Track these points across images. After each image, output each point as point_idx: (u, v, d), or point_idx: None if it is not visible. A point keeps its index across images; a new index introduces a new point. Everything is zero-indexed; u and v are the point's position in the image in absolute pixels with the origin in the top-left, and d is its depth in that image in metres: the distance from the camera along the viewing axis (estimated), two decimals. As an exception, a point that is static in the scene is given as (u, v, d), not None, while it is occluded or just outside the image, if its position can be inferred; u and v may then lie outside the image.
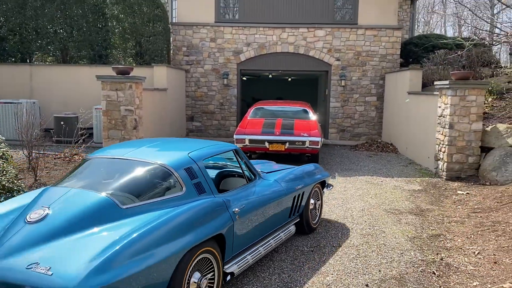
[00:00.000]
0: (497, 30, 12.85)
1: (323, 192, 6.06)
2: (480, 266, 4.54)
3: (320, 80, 19.94)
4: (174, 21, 14.74)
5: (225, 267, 3.81)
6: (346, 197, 7.32)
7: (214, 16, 13.80)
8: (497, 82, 10.58)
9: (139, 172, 3.76)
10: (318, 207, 5.82)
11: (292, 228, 5.14)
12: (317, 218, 5.75)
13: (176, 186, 3.71)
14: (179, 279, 3.19)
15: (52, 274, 2.73)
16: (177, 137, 12.66)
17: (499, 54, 30.93)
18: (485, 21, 17.63)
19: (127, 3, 12.58)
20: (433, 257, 4.80)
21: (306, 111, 10.80)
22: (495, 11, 29.15)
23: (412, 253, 4.92)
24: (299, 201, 5.24)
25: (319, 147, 9.18)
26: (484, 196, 7.06)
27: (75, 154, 9.11)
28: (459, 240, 5.32)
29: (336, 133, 14.03)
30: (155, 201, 3.50)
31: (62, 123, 10.63)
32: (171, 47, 14.03)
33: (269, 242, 4.57)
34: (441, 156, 8.82)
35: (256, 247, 4.34)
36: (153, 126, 10.29)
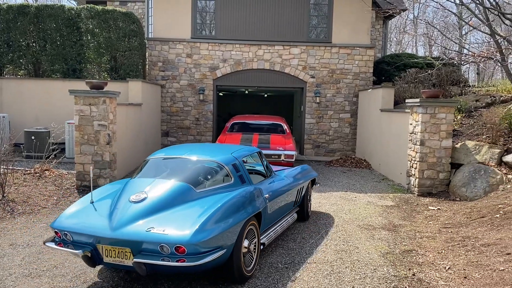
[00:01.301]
0: (465, 51, 13.33)
1: (312, 188, 7.41)
2: (451, 281, 4.62)
3: (296, 96, 20.18)
4: (150, 36, 14.72)
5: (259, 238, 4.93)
6: (321, 213, 7.36)
7: (191, 32, 13.85)
8: (466, 101, 10.93)
9: (200, 167, 5.06)
10: (310, 199, 7.18)
11: (295, 215, 6.46)
12: (310, 208, 7.14)
13: (227, 177, 4.99)
14: (240, 241, 4.35)
15: (167, 233, 3.88)
16: (152, 152, 12.52)
17: (468, 74, 32.03)
18: (454, 42, 18.26)
19: (102, 18, 12.47)
20: (405, 273, 4.86)
21: (281, 126, 11.44)
22: (463, 32, 30.27)
23: (385, 269, 4.97)
24: (300, 194, 6.58)
25: (293, 160, 9.67)
26: (454, 212, 7.22)
27: (46, 170, 8.88)
28: (430, 256, 5.40)
29: (311, 149, 14.16)
30: (215, 187, 4.79)
31: (33, 137, 10.36)
32: (147, 62, 13.96)
33: (282, 224, 5.86)
34: (413, 172, 8.99)
35: (275, 227, 5.60)
36: (127, 142, 10.15)
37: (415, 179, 8.83)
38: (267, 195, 5.22)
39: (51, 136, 10.00)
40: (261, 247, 4.97)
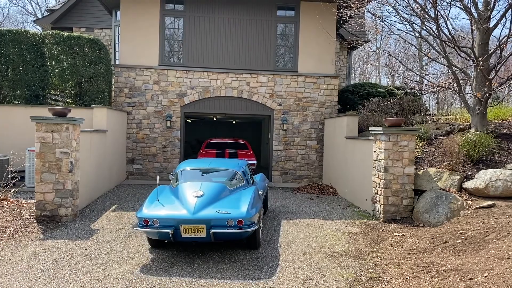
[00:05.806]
0: (425, 81, 13.90)
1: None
2: (416, 307, 4.65)
3: (264, 123, 20.37)
4: (117, 63, 14.60)
5: None
6: (288, 241, 7.33)
7: (158, 59, 13.86)
8: (427, 129, 11.31)
9: (225, 173, 7.53)
10: (268, 197, 10.01)
11: (263, 208, 8.58)
12: (268, 204, 9.93)
13: (240, 179, 7.48)
14: (259, 221, 6.63)
15: (230, 213, 6.10)
16: (116, 180, 12.29)
17: (428, 103, 33.33)
18: (415, 72, 19.05)
19: (67, 44, 12.32)
20: (371, 300, 4.87)
21: (245, 144, 15.33)
22: (423, 63, 31.66)
23: (352, 297, 4.96)
24: (265, 192, 8.97)
25: (255, 167, 12.89)
26: (418, 238, 7.35)
27: (4, 199, 8.49)
28: (396, 282, 5.45)
29: (279, 176, 14.21)
30: (236, 187, 7.20)
31: (-10, 165, 9.95)
32: (113, 89, 13.80)
33: (262, 212, 7.71)
34: (377, 199, 9.14)
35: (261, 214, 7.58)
36: (90, 169, 9.89)
37: (380, 205, 8.98)
38: (260, 192, 7.73)
39: (10, 164, 9.63)
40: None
